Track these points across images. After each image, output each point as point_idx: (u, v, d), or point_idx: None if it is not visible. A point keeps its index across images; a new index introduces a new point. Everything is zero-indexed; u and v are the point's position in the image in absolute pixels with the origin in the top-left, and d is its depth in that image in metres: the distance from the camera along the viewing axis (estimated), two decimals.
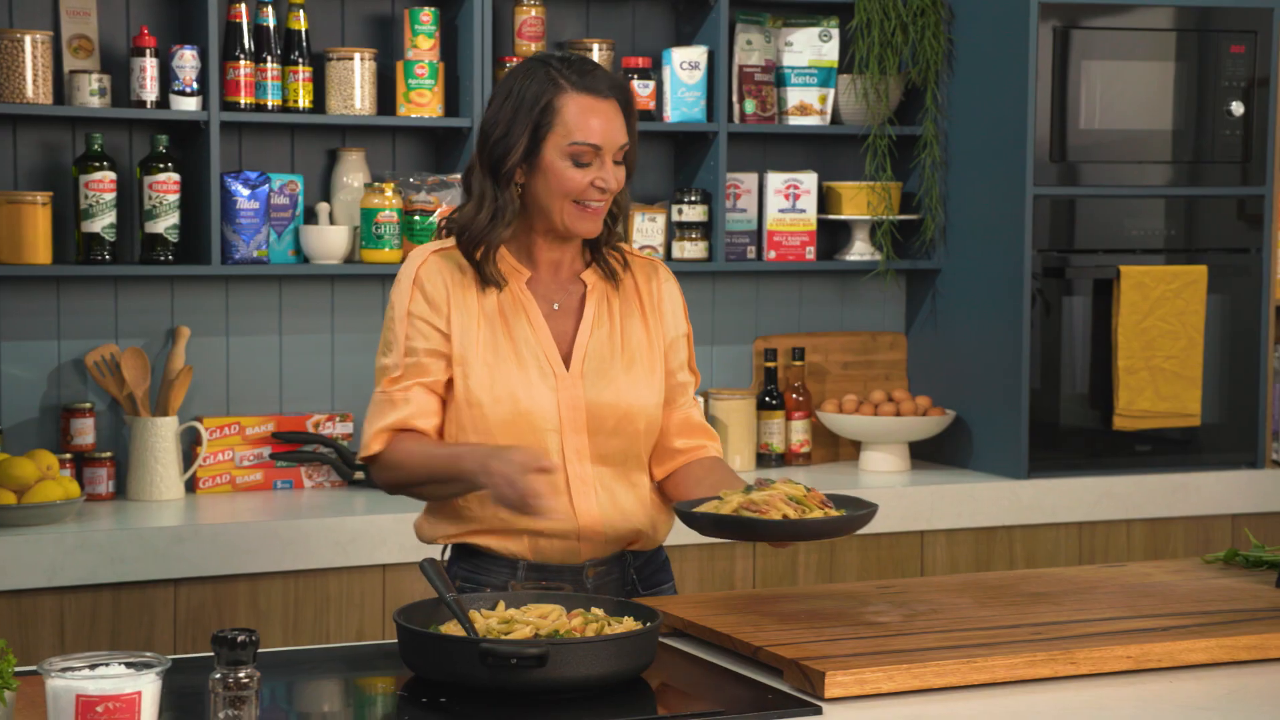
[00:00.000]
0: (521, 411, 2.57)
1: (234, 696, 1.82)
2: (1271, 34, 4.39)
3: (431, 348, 2.59)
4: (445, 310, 2.59)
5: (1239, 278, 4.44)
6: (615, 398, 2.61)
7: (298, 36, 3.97)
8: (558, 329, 2.64)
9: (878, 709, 2.12)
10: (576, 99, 2.55)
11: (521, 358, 2.60)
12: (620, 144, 2.58)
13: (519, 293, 2.63)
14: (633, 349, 2.65)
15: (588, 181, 2.56)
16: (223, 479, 4.01)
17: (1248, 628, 2.39)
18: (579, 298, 2.66)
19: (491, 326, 2.60)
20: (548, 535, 2.60)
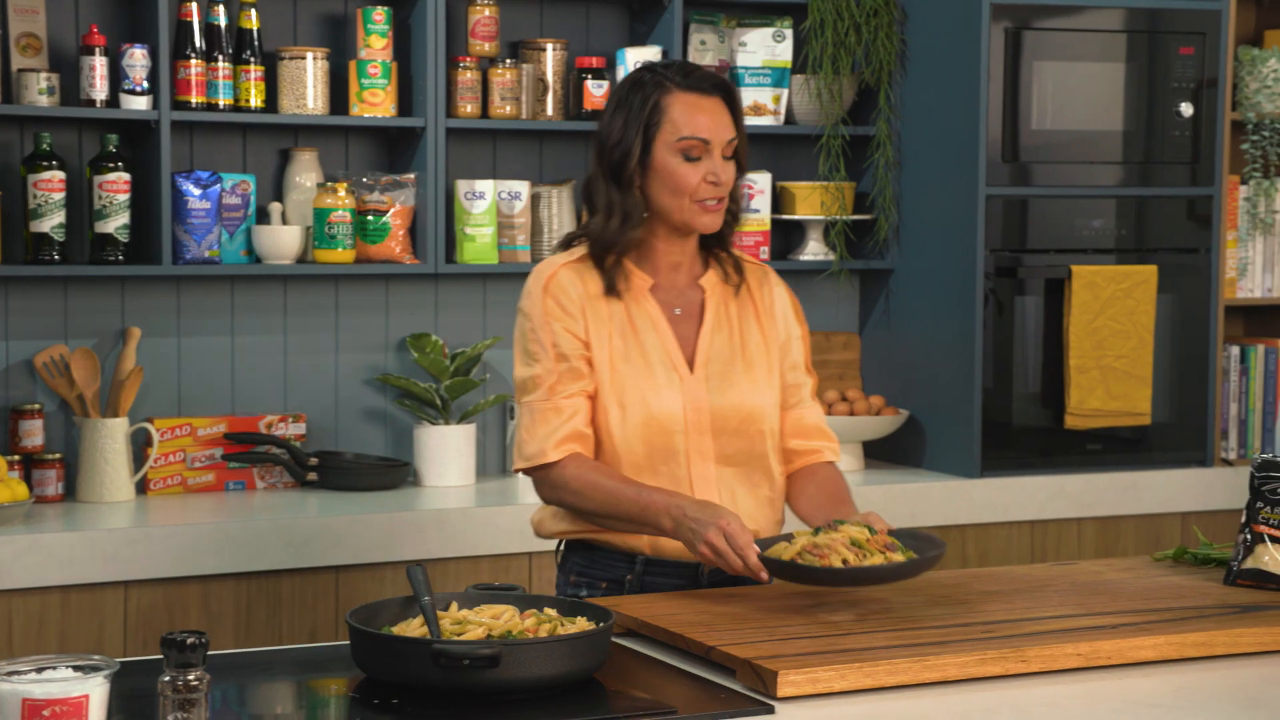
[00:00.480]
0: (651, 415, 2.64)
1: (183, 699, 1.81)
2: (1220, 35, 4.43)
3: (579, 352, 2.65)
4: (582, 320, 2.67)
5: (1189, 277, 4.47)
6: (738, 399, 2.69)
7: (249, 35, 3.95)
8: (680, 333, 2.71)
9: (830, 708, 2.13)
10: (682, 97, 2.64)
11: (650, 363, 2.67)
12: (728, 138, 2.65)
13: (644, 300, 2.70)
14: (751, 352, 2.73)
15: (700, 176, 2.64)
16: (174, 480, 3.99)
17: (1195, 625, 2.41)
18: (699, 303, 2.74)
19: (622, 334, 2.67)
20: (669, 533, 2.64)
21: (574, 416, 2.64)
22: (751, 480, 2.72)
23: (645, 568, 2.68)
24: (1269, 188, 4.60)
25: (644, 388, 2.65)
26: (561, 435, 2.64)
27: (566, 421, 2.64)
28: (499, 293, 4.33)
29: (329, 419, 4.19)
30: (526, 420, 2.67)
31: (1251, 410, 4.64)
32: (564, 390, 2.65)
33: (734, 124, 2.67)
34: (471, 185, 4.14)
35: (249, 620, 3.64)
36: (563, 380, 2.65)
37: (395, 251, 4.07)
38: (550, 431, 2.64)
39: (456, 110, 4.11)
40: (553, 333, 2.66)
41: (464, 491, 4.05)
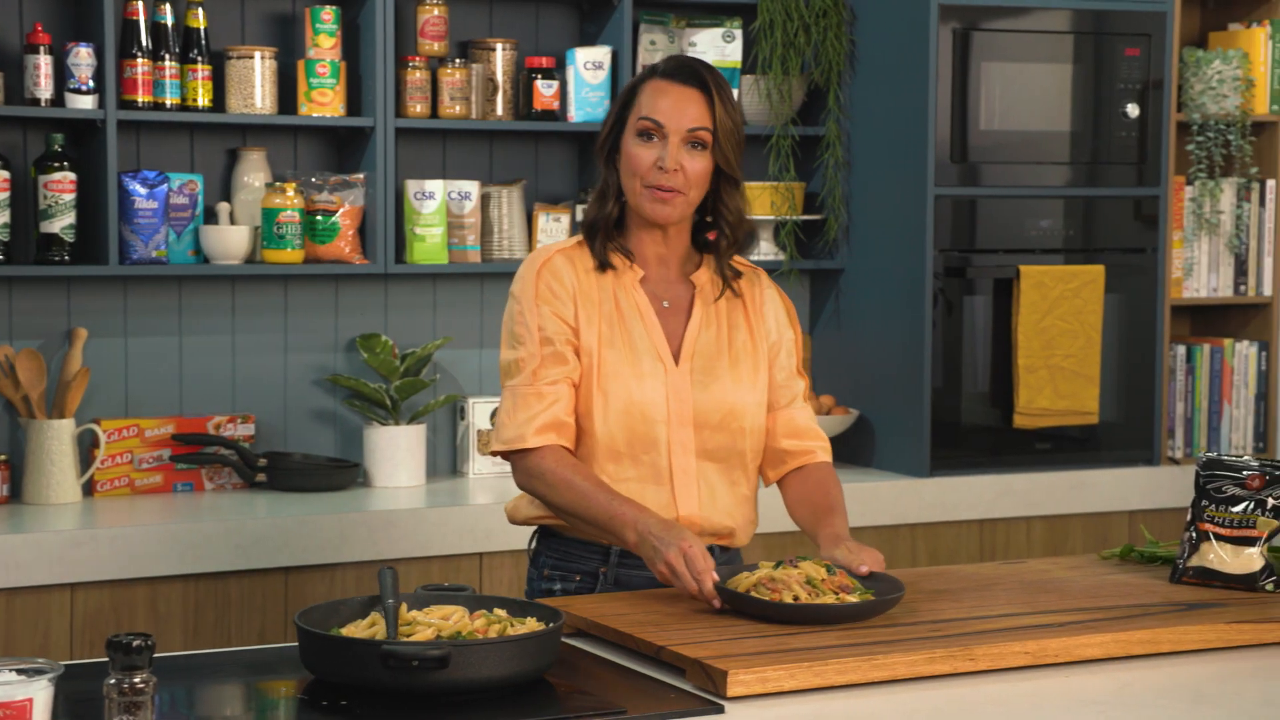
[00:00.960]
0: (634, 403, 2.65)
1: (129, 702, 1.80)
2: (1165, 37, 4.46)
3: (565, 336, 2.66)
4: (572, 305, 2.68)
5: (1135, 277, 4.50)
6: (720, 395, 2.69)
7: (196, 34, 3.93)
8: (668, 326, 2.72)
9: (780, 707, 2.13)
10: (654, 83, 2.68)
11: (636, 352, 2.68)
12: (689, 127, 2.64)
13: (633, 290, 2.71)
14: (737, 350, 2.74)
15: (651, 159, 2.64)
16: (121, 482, 3.96)
17: (1141, 623, 2.42)
18: (688, 298, 2.74)
19: (609, 321, 2.68)
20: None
21: (555, 404, 2.64)
22: (730, 477, 2.73)
23: (620, 560, 2.69)
24: (1214, 188, 4.64)
25: (627, 375, 2.66)
26: (541, 422, 2.64)
27: (548, 408, 2.64)
28: (449, 293, 4.32)
29: (278, 420, 4.17)
30: (508, 404, 2.67)
31: (1197, 409, 4.68)
32: (547, 375, 2.65)
33: (707, 116, 2.65)
34: (421, 185, 4.13)
35: (197, 622, 3.62)
36: (545, 364, 2.65)
37: (344, 251, 4.05)
38: (530, 417, 2.64)
39: (406, 110, 4.10)
40: (540, 316, 2.67)
41: (414, 492, 4.04)
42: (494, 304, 4.36)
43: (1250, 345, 4.72)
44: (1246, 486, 2.68)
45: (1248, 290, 4.73)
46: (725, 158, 2.67)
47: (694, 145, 2.65)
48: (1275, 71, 4.68)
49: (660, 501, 2.67)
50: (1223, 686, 2.27)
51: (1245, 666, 2.35)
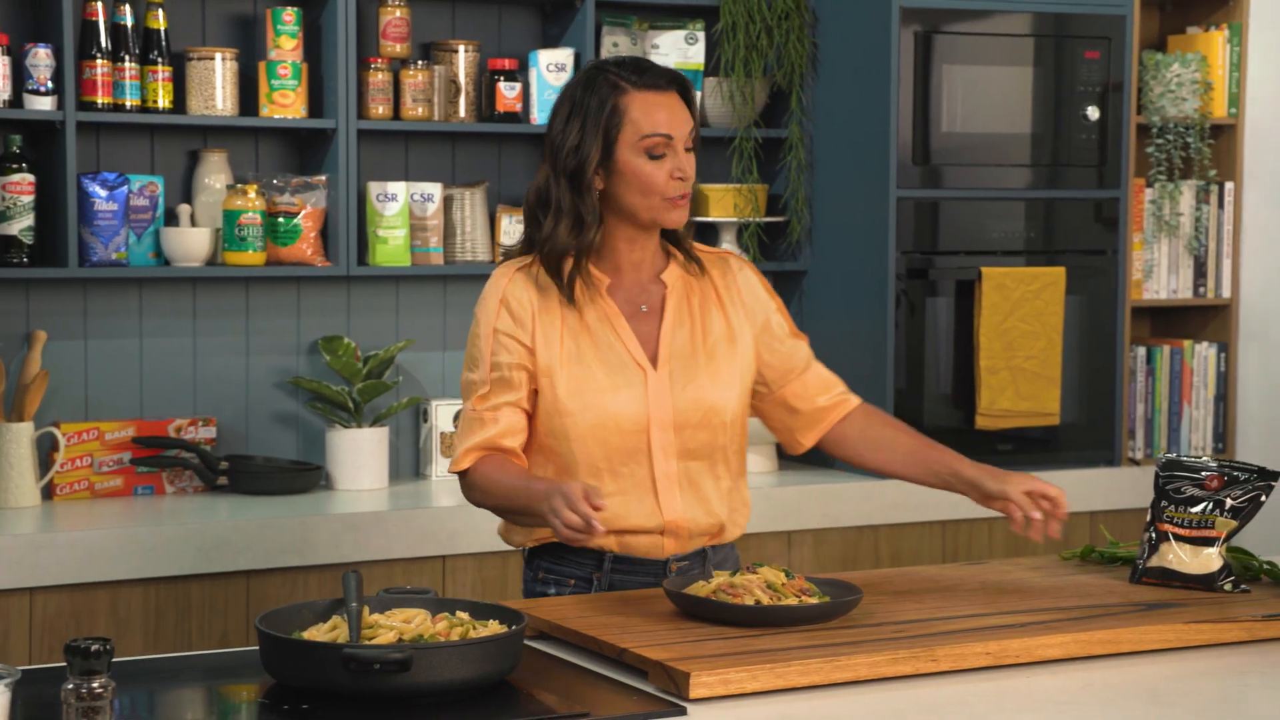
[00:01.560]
0: (609, 415, 2.64)
1: (87, 707, 1.79)
2: (1125, 40, 4.49)
3: (515, 361, 2.66)
4: (530, 325, 2.66)
5: (1096, 279, 4.52)
6: (699, 393, 2.68)
7: (157, 35, 3.91)
8: (642, 330, 2.70)
9: (742, 708, 2.13)
10: (640, 96, 2.64)
11: (608, 363, 2.66)
12: (688, 130, 2.66)
13: (600, 300, 2.69)
14: (713, 343, 2.72)
15: (667, 173, 2.64)
16: (81, 485, 3.94)
17: (1101, 623, 2.44)
18: (660, 298, 2.73)
19: (575, 337, 2.66)
20: (633, 531, 2.67)
21: (493, 426, 2.65)
22: (714, 472, 2.72)
23: (614, 565, 2.69)
24: (1173, 191, 4.67)
25: (599, 388, 2.64)
26: (475, 443, 2.65)
27: (484, 431, 2.65)
28: (411, 295, 4.31)
29: (240, 422, 4.16)
30: (459, 426, 2.71)
31: (1158, 410, 4.70)
32: (491, 401, 2.66)
33: (691, 114, 2.67)
34: (384, 187, 4.12)
35: (158, 626, 3.60)
36: (493, 391, 2.65)
37: (306, 254, 4.04)
38: (473, 442, 2.65)
39: (368, 112, 4.09)
40: (494, 342, 2.66)
41: (377, 495, 4.03)
42: (457, 306, 4.35)
43: (1210, 347, 4.75)
44: (1205, 487, 2.69)
45: (1207, 292, 4.76)
46: (696, 145, 2.70)
47: (688, 147, 2.67)
48: (1233, 75, 4.71)
49: (645, 510, 2.66)
50: (1182, 686, 2.28)
51: (1204, 666, 2.37)
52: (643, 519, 2.66)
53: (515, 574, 3.90)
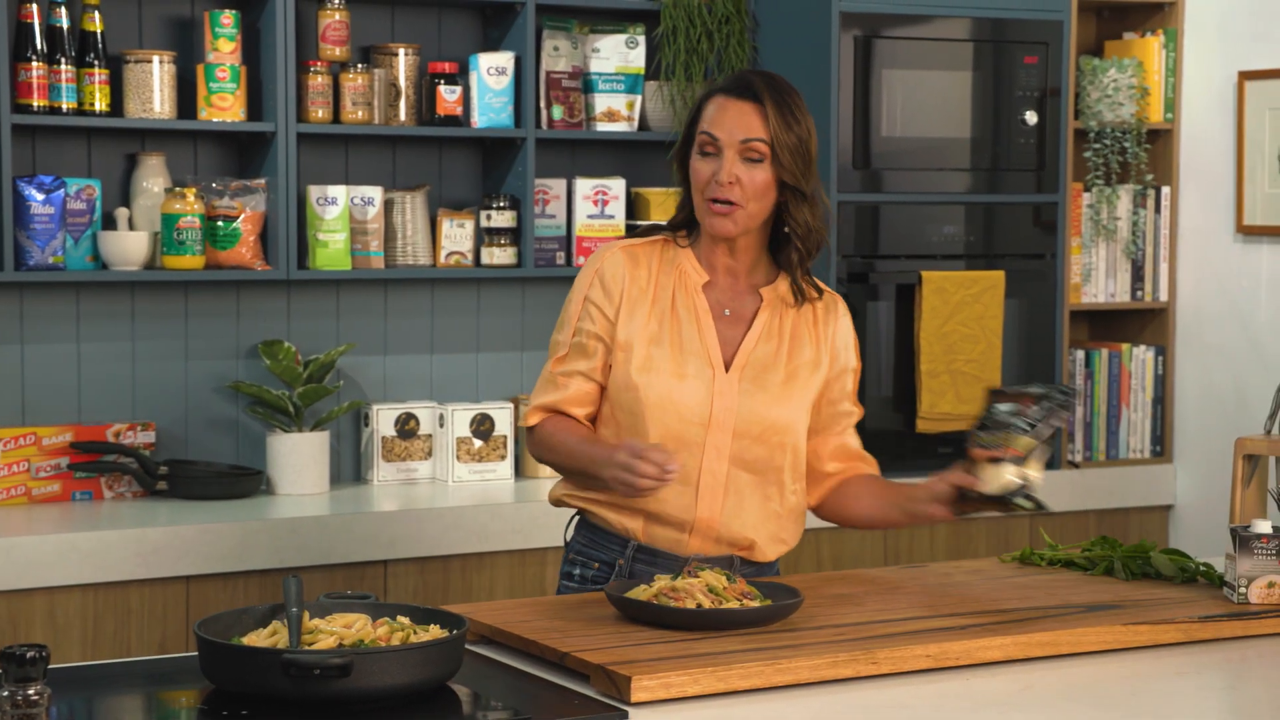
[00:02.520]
0: (672, 400, 2.68)
1: (23, 714, 1.77)
2: (1062, 45, 4.52)
3: (596, 331, 2.73)
4: (618, 301, 2.72)
5: (1035, 283, 4.56)
6: (767, 407, 2.70)
7: (93, 38, 3.88)
8: (725, 333, 2.74)
9: (684, 712, 2.14)
10: (715, 99, 2.72)
11: (683, 351, 2.71)
12: (741, 137, 2.66)
13: (694, 294, 2.73)
14: (796, 366, 2.74)
15: (709, 173, 2.68)
16: (18, 491, 3.90)
17: (1041, 625, 2.45)
18: (753, 309, 2.76)
19: (660, 320, 2.72)
20: (661, 521, 2.70)
21: (562, 391, 2.74)
22: (764, 491, 2.72)
23: (636, 553, 2.72)
24: (1110, 195, 4.71)
25: (669, 373, 2.69)
26: (543, 404, 2.75)
27: (554, 392, 2.74)
28: (352, 299, 4.29)
29: (179, 427, 4.13)
30: (538, 383, 2.80)
31: (1096, 413, 4.74)
32: (568, 366, 2.74)
33: (764, 128, 2.66)
34: (324, 190, 4.10)
35: (96, 632, 3.57)
36: (570, 356, 2.74)
37: (246, 257, 4.02)
38: (545, 401, 2.75)
39: (308, 115, 4.08)
40: (582, 307, 2.74)
41: (318, 499, 4.01)
42: (398, 310, 4.34)
43: (1147, 350, 4.80)
44: (1021, 413, 2.63)
45: (1144, 295, 4.80)
46: (787, 170, 2.67)
47: (750, 158, 2.66)
48: (1169, 80, 4.76)
49: (682, 502, 2.69)
50: (1121, 686, 2.30)
51: (1142, 667, 2.39)
52: (676, 509, 2.69)
53: (456, 578, 3.89)
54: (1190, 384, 4.79)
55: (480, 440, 4.24)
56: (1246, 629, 2.54)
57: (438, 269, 4.23)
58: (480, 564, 3.91)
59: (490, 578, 3.92)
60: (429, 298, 4.37)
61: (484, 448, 4.25)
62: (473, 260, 4.27)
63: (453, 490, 4.15)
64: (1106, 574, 2.82)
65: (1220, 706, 2.31)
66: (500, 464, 4.26)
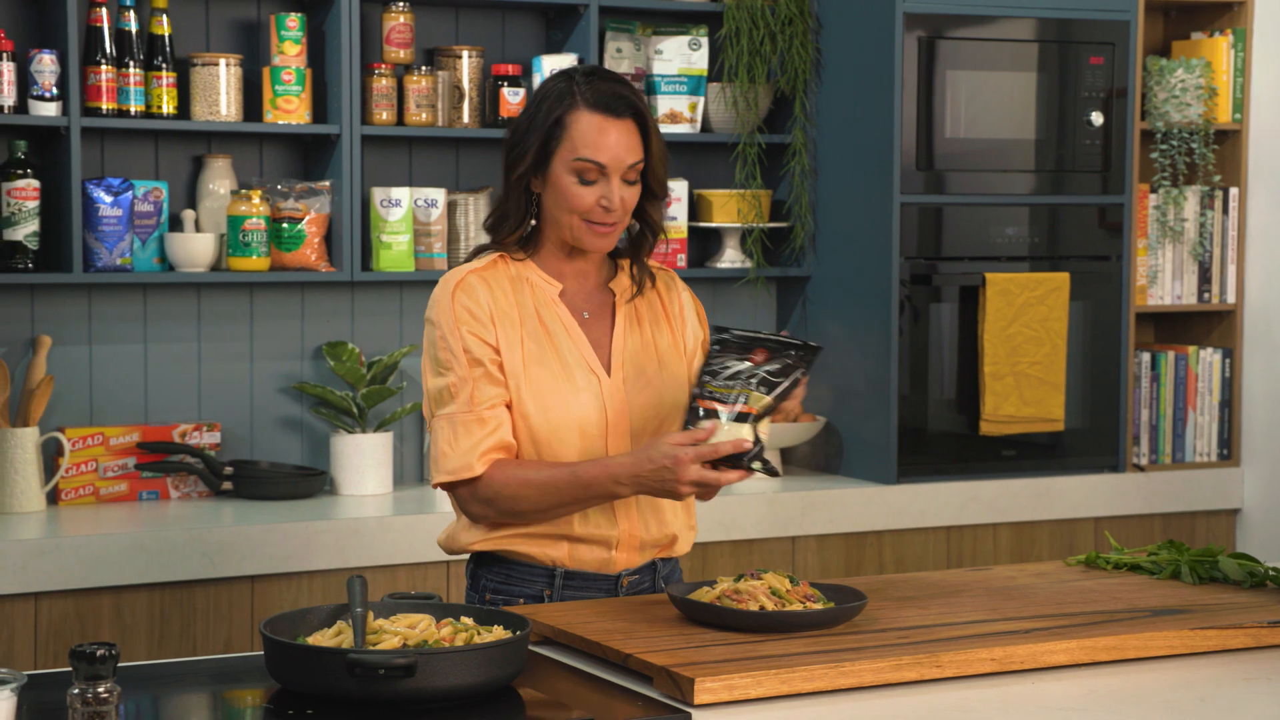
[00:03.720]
0: (572, 419, 2.61)
1: (93, 712, 1.79)
2: (1129, 45, 4.49)
3: (493, 358, 2.60)
4: (492, 327, 2.61)
5: (1100, 284, 4.52)
6: (656, 399, 2.66)
7: (161, 41, 3.92)
8: (593, 337, 2.68)
9: (746, 714, 2.13)
10: (587, 116, 2.58)
11: (566, 367, 2.63)
12: (629, 163, 2.59)
13: (553, 305, 2.66)
14: (663, 351, 2.71)
15: (594, 200, 2.60)
16: (86, 490, 3.94)
17: (1106, 629, 2.43)
18: (609, 306, 2.71)
19: (535, 339, 2.63)
20: (586, 541, 2.64)
21: (499, 428, 2.58)
22: None
23: (565, 581, 2.66)
24: (1177, 196, 4.67)
25: (564, 390, 2.61)
26: (487, 447, 2.58)
27: (492, 433, 2.58)
28: (415, 300, 4.31)
29: (244, 428, 4.16)
30: (447, 433, 2.58)
31: (1162, 416, 4.70)
32: (483, 399, 2.58)
33: (643, 145, 2.61)
34: (387, 193, 4.12)
35: (162, 631, 3.60)
36: (480, 386, 2.58)
37: (310, 259, 4.04)
38: (475, 444, 2.57)
39: (372, 117, 4.10)
40: (463, 338, 2.60)
41: (381, 500, 4.03)
42: None
43: (1214, 352, 4.75)
44: (751, 360, 2.49)
45: (1211, 298, 4.75)
46: (657, 179, 2.65)
47: (630, 180, 2.61)
48: (1237, 80, 4.71)
49: (601, 518, 2.64)
50: (1189, 692, 2.28)
51: (1209, 673, 2.37)
52: (597, 527, 2.64)
53: None
54: (1258, 386, 4.74)
55: None
56: None
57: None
58: None
59: None
60: None
61: None
62: None
63: None
64: (1173, 578, 2.79)
65: None
66: None
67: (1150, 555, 2.88)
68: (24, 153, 3.82)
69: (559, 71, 2.67)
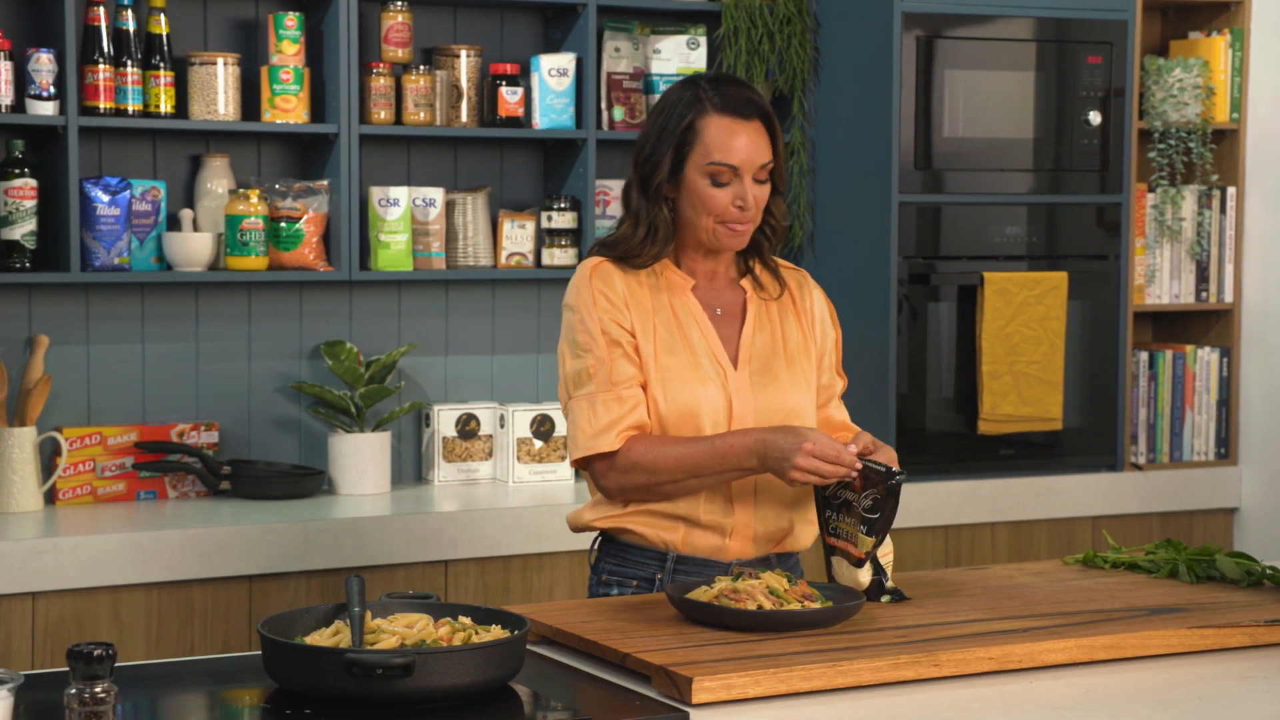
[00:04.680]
0: (694, 408, 2.66)
1: (90, 712, 1.79)
2: (1126, 45, 4.49)
3: (630, 341, 2.67)
4: (628, 313, 2.69)
5: (1098, 284, 4.52)
6: (781, 396, 2.72)
7: (159, 40, 3.91)
8: (723, 333, 2.75)
9: (745, 713, 2.13)
10: (718, 120, 2.66)
11: (696, 357, 2.69)
12: (760, 163, 2.67)
13: (686, 297, 2.73)
14: (792, 350, 2.77)
15: (728, 201, 2.67)
16: (84, 490, 3.94)
17: (1104, 628, 2.44)
18: (740, 303, 2.77)
19: (667, 328, 2.70)
20: (702, 526, 2.68)
21: (637, 407, 2.65)
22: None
23: (676, 565, 2.71)
24: (1175, 195, 4.67)
25: (691, 380, 2.68)
26: (627, 424, 2.64)
27: (630, 412, 2.65)
28: (414, 300, 4.31)
29: (242, 427, 4.16)
30: (586, 409, 2.66)
31: (1160, 415, 4.70)
32: (622, 377, 2.65)
33: (771, 148, 2.69)
34: (386, 192, 4.12)
35: (160, 631, 3.60)
36: (618, 366, 2.65)
37: (309, 258, 4.04)
38: (613, 420, 2.64)
39: (370, 116, 4.09)
40: (600, 320, 2.67)
41: (379, 500, 4.03)
42: (459, 311, 4.35)
43: (1212, 351, 4.75)
44: (853, 489, 2.59)
45: (1209, 297, 4.76)
46: (782, 177, 2.74)
47: (760, 179, 2.69)
48: (1235, 80, 4.71)
49: (716, 506, 2.69)
50: (1186, 691, 2.28)
51: (1207, 671, 2.37)
52: (712, 514, 2.68)
53: (517, 579, 3.90)
54: (1255, 386, 4.74)
55: (541, 441, 4.25)
56: None
57: (499, 270, 4.24)
58: (540, 564, 3.92)
59: (551, 578, 3.92)
60: (490, 298, 4.38)
61: (544, 448, 4.25)
62: (533, 261, 4.28)
63: (513, 491, 4.16)
64: (1171, 577, 2.80)
65: None
66: (560, 464, 4.27)
67: (1148, 554, 2.88)
68: (21, 152, 3.82)
69: (682, 80, 2.75)
